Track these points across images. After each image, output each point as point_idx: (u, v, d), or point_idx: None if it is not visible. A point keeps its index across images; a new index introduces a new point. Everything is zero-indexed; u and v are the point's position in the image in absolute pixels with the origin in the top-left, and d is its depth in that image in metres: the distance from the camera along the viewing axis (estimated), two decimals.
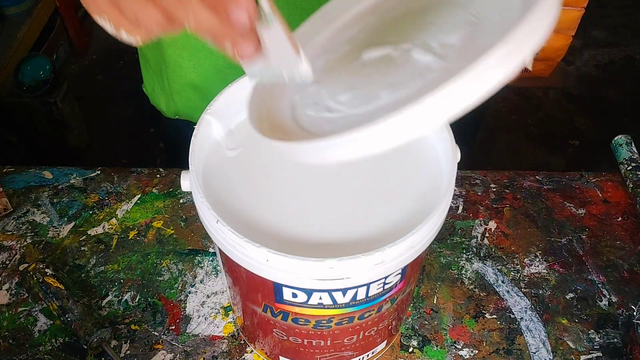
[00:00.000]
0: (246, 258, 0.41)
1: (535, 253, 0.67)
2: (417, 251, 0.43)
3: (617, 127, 1.89)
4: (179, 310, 0.62)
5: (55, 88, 1.62)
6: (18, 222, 0.70)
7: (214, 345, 0.60)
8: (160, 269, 0.66)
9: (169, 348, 0.59)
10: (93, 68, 2.10)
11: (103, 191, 0.73)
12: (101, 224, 0.70)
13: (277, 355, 0.54)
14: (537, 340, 0.60)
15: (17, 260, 0.66)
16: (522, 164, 1.83)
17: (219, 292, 0.64)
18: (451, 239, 0.68)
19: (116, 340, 0.60)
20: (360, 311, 0.45)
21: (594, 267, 0.66)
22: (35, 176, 0.75)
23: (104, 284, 0.64)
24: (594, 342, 0.60)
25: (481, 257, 0.67)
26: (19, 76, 1.60)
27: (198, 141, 0.47)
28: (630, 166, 0.73)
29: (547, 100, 2.04)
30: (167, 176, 0.75)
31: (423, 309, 0.63)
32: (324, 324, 0.46)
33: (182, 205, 0.72)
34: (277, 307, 0.45)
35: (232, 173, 0.47)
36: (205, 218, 0.43)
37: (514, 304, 0.63)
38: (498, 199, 0.72)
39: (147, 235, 0.69)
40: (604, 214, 0.71)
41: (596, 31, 2.29)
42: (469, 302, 0.63)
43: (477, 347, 0.60)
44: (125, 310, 0.62)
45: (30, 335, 0.60)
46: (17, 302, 0.63)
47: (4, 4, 1.73)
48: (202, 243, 0.68)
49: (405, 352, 0.59)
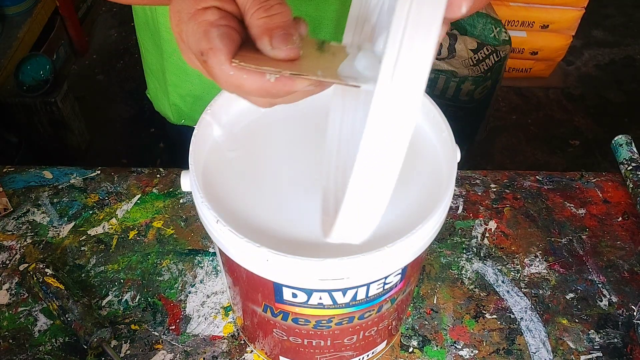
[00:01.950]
0: (246, 258, 0.41)
1: (536, 253, 0.67)
2: (417, 251, 0.43)
3: (617, 127, 1.89)
4: (179, 310, 0.62)
5: (55, 88, 1.62)
6: (18, 222, 0.70)
7: (214, 345, 0.60)
8: (160, 269, 0.66)
9: (169, 348, 0.59)
10: (93, 68, 2.10)
11: (103, 191, 0.73)
12: (101, 224, 0.70)
13: (277, 355, 0.54)
14: (537, 340, 0.60)
15: (17, 260, 0.66)
16: (522, 164, 1.83)
17: (219, 292, 0.64)
18: (451, 239, 0.68)
19: (116, 340, 0.60)
20: (360, 311, 0.45)
21: (594, 267, 0.66)
22: (35, 176, 0.75)
23: (104, 284, 0.64)
24: (594, 342, 0.60)
25: (481, 257, 0.67)
26: (19, 76, 1.60)
27: (198, 141, 0.47)
28: (631, 166, 0.73)
29: (547, 100, 2.04)
30: (167, 176, 0.75)
31: (423, 309, 0.63)
32: (324, 324, 0.46)
33: (182, 205, 0.72)
34: (277, 307, 0.45)
35: (232, 173, 0.47)
36: (205, 218, 0.43)
37: (514, 304, 0.63)
38: (498, 199, 0.72)
39: (147, 235, 0.69)
40: (604, 214, 0.71)
41: (596, 31, 2.29)
42: (469, 302, 0.63)
43: (477, 347, 0.60)
44: (125, 310, 0.62)
45: (30, 335, 0.60)
46: (17, 302, 0.63)
47: (4, 4, 1.73)
48: (202, 243, 0.68)
49: (405, 352, 0.59)
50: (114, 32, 2.23)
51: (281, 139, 0.50)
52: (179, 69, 0.71)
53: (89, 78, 2.06)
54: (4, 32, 1.71)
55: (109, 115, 1.94)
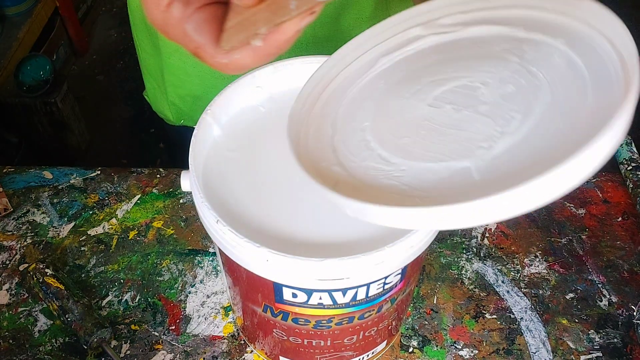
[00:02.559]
0: (246, 258, 0.41)
1: (535, 253, 0.67)
2: (417, 251, 0.43)
3: None
4: (179, 310, 0.62)
5: (55, 88, 1.62)
6: (18, 222, 0.70)
7: (214, 345, 0.60)
8: (160, 269, 0.66)
9: (169, 348, 0.59)
10: (93, 68, 2.10)
11: (103, 191, 0.73)
12: (101, 224, 0.70)
13: (277, 356, 0.54)
14: (537, 340, 0.60)
15: (17, 260, 0.66)
16: None
17: (219, 292, 0.64)
18: (451, 239, 0.68)
19: (116, 340, 0.60)
20: (360, 311, 0.45)
21: (594, 267, 0.66)
22: (35, 176, 0.75)
23: (104, 284, 0.64)
24: (594, 342, 0.60)
25: (481, 257, 0.67)
26: (19, 76, 1.60)
27: (198, 141, 0.47)
28: (630, 166, 0.73)
29: None
30: (167, 176, 0.75)
31: (423, 309, 0.63)
32: (324, 324, 0.46)
33: (182, 205, 0.72)
34: (277, 307, 0.45)
35: (232, 173, 0.47)
36: (205, 218, 0.43)
37: (514, 304, 0.63)
38: None
39: (147, 235, 0.69)
40: (604, 214, 0.71)
41: None
42: (469, 302, 0.63)
43: (477, 347, 0.60)
44: (125, 310, 0.62)
45: (30, 335, 0.60)
46: (17, 302, 0.63)
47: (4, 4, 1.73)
48: (202, 243, 0.68)
49: (405, 352, 0.59)
50: (114, 32, 2.23)
51: (281, 139, 0.50)
52: (178, 69, 0.71)
53: (89, 78, 2.06)
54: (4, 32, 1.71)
55: (109, 115, 1.94)
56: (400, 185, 0.37)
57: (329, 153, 0.42)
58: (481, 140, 0.37)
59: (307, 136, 0.43)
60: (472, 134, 0.38)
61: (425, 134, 0.39)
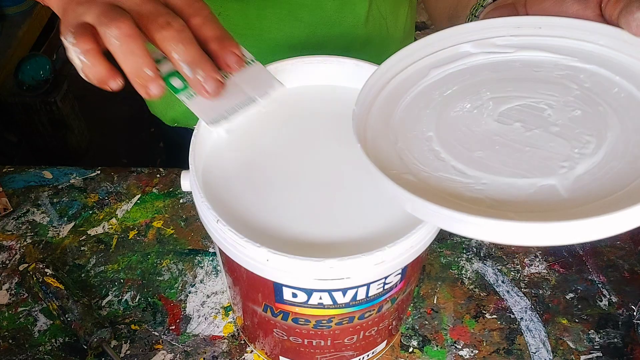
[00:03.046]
0: (246, 258, 0.41)
1: (535, 253, 0.67)
2: (417, 251, 0.43)
3: None
4: (179, 310, 0.62)
5: (55, 88, 1.62)
6: (18, 222, 0.70)
7: (214, 345, 0.60)
8: (160, 268, 0.66)
9: (169, 348, 0.59)
10: None
11: (103, 191, 0.73)
12: (101, 223, 0.70)
13: (277, 355, 0.54)
14: (537, 340, 0.60)
15: (17, 260, 0.66)
16: None
17: (219, 292, 0.64)
18: (451, 239, 0.68)
19: (116, 340, 0.60)
20: (360, 311, 0.45)
21: (594, 267, 0.66)
22: (35, 176, 0.75)
23: (104, 284, 0.64)
24: (594, 342, 0.60)
25: (481, 257, 0.67)
26: (19, 76, 1.60)
27: (198, 141, 0.47)
28: None
29: None
30: (167, 176, 0.75)
31: (423, 309, 0.63)
32: (324, 323, 0.46)
33: (182, 205, 0.72)
34: (277, 307, 0.45)
35: (232, 173, 0.47)
36: (205, 218, 0.43)
37: (514, 304, 0.63)
38: None
39: (147, 235, 0.69)
40: None
41: None
42: (469, 302, 0.63)
43: (477, 347, 0.60)
44: (125, 310, 0.62)
45: (30, 335, 0.60)
46: (17, 302, 0.63)
47: (4, 3, 1.73)
48: (202, 243, 0.68)
49: (405, 352, 0.59)
50: None
51: (281, 139, 0.50)
52: None
53: None
54: (4, 32, 1.71)
55: (109, 115, 1.94)
56: (485, 198, 0.37)
57: (396, 160, 0.41)
58: (562, 160, 0.38)
59: (366, 140, 0.43)
60: (550, 153, 0.39)
61: (500, 149, 0.40)
